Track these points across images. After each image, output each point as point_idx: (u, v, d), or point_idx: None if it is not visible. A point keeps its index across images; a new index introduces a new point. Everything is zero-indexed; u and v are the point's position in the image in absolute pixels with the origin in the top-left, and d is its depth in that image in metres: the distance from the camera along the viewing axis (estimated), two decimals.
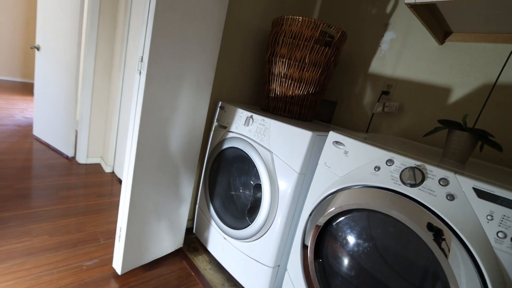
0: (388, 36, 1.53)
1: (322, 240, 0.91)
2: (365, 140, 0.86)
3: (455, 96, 1.29)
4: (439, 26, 1.25)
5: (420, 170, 0.69)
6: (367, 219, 0.80)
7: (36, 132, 2.74)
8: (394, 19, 1.50)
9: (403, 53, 1.47)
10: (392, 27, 1.51)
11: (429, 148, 1.16)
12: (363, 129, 1.61)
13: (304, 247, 0.95)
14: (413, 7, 0.99)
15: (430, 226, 0.64)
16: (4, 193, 1.65)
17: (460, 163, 0.87)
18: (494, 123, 1.16)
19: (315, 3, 1.89)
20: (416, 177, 0.69)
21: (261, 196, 1.18)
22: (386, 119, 1.51)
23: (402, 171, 0.72)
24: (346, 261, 0.86)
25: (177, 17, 1.03)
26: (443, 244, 0.62)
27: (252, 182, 1.38)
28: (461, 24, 1.17)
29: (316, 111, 1.53)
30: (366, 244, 0.81)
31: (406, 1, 0.98)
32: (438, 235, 0.63)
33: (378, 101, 1.54)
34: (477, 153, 1.20)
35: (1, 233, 1.32)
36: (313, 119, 1.56)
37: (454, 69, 1.29)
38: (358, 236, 0.83)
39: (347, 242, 0.86)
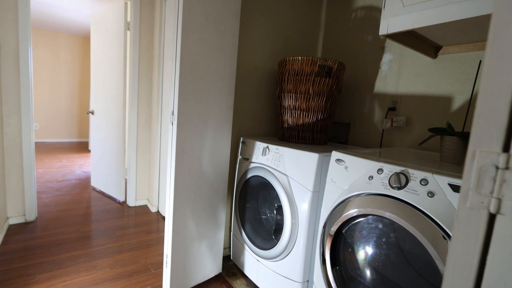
0: (386, 57, 1.68)
1: (337, 248, 1.01)
2: (360, 155, 0.99)
3: (457, 103, 1.37)
4: (426, 44, 1.37)
5: (404, 174, 0.81)
6: (369, 222, 0.90)
7: (93, 183, 3.18)
8: (389, 42, 1.65)
9: (402, 71, 1.59)
10: (388, 49, 1.66)
11: (434, 154, 1.23)
12: (377, 145, 1.70)
13: (323, 257, 1.05)
14: (389, 36, 1.15)
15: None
16: (73, 236, 1.97)
17: (457, 165, 0.95)
18: None
19: (317, 40, 2.12)
20: (401, 181, 0.80)
21: (283, 216, 1.32)
22: (397, 133, 1.60)
23: (390, 177, 0.84)
24: (358, 265, 0.95)
25: (197, 77, 1.30)
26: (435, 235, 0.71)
27: (275, 205, 1.53)
28: (445, 39, 1.28)
29: (328, 134, 1.67)
30: (373, 246, 0.91)
31: (380, 33, 1.14)
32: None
33: (386, 118, 1.64)
34: None
35: (74, 268, 1.59)
36: (327, 141, 1.69)
37: (451, 78, 1.38)
38: (365, 239, 0.92)
39: (356, 246, 0.95)
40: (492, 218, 0.33)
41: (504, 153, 0.31)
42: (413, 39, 1.29)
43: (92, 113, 3.14)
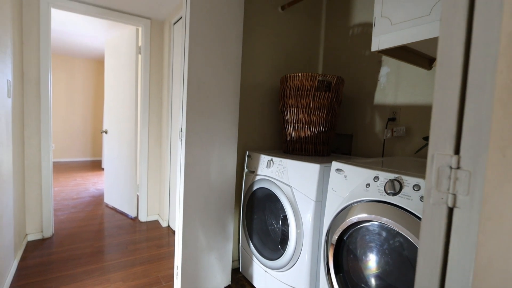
0: (384, 70, 1.74)
1: (340, 256, 1.04)
2: (357, 164, 1.04)
3: None
4: (420, 57, 1.43)
5: (398, 181, 0.85)
6: (368, 229, 0.94)
7: (106, 199, 3.28)
8: (385, 56, 1.72)
9: (400, 83, 1.65)
10: (385, 63, 1.73)
11: None
12: (380, 155, 1.74)
13: (327, 265, 1.08)
14: (382, 52, 1.22)
15: None
16: (87, 251, 2.04)
17: None
18: None
19: (318, 56, 2.21)
20: (395, 187, 0.84)
21: (288, 226, 1.36)
22: (398, 143, 1.64)
23: (385, 184, 0.88)
24: (361, 272, 0.98)
25: (203, 96, 1.40)
26: None
27: (281, 215, 1.57)
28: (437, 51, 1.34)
29: (331, 145, 1.72)
30: (373, 251, 0.94)
31: (372, 49, 1.21)
32: None
33: (386, 128, 1.69)
34: None
35: (89, 282, 1.65)
36: (330, 153, 1.74)
37: None
38: (365, 245, 0.96)
39: (357, 253, 0.98)
40: (450, 212, 0.38)
41: (455, 155, 0.37)
42: (405, 53, 1.35)
43: (106, 132, 3.28)
